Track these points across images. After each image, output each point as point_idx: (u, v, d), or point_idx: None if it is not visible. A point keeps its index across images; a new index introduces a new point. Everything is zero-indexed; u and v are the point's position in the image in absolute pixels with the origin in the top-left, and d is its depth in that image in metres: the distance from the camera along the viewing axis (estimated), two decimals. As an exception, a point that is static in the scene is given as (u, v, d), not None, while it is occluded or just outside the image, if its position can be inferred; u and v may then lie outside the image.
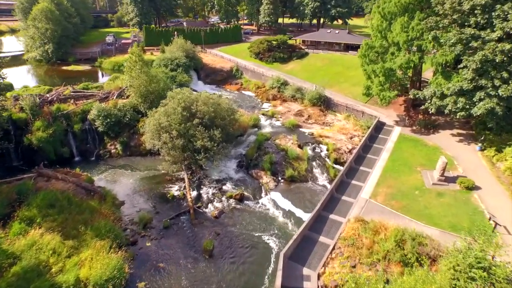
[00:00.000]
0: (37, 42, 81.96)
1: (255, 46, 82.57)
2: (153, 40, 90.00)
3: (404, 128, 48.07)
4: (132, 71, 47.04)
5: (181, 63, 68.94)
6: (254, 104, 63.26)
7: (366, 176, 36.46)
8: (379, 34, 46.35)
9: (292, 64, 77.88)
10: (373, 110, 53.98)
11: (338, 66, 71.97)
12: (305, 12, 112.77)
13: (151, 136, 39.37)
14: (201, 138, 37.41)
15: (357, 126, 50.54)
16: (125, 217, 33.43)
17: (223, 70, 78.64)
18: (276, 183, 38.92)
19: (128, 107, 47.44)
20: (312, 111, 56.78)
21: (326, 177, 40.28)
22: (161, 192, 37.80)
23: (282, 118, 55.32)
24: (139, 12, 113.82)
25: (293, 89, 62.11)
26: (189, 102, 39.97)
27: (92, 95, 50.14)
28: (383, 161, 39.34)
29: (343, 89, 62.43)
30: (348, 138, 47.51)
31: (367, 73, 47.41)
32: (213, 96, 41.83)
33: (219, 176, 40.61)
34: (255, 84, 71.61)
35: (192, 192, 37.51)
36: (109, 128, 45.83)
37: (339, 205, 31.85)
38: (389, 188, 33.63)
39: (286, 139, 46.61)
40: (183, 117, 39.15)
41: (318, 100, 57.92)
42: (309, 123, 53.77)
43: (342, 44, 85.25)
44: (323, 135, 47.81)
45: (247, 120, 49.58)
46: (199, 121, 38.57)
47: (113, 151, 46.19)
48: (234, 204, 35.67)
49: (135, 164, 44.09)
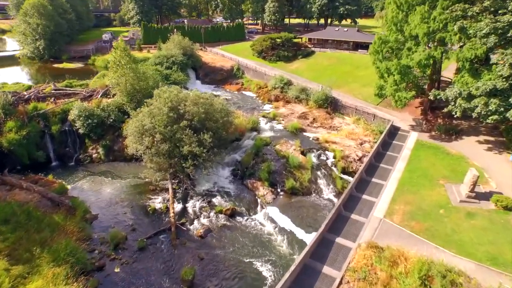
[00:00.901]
0: (28, 39, 78.24)
1: (257, 44, 77.70)
2: (152, 38, 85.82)
3: (421, 133, 42.57)
4: (117, 67, 42.47)
5: (177, 61, 64.43)
6: (254, 106, 58.25)
7: (380, 189, 31.10)
8: (394, 27, 40.99)
9: (297, 63, 72.77)
10: (385, 113, 48.55)
11: (346, 65, 66.67)
12: (312, 10, 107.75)
13: (134, 140, 34.67)
14: (189, 143, 32.54)
15: (368, 131, 45.12)
16: (96, 234, 28.53)
17: (223, 69, 73.87)
18: (274, 196, 33.74)
19: (112, 107, 42.85)
20: (318, 113, 51.54)
21: (333, 190, 34.97)
22: (141, 204, 32.91)
23: (284, 121, 50.19)
24: (140, 10, 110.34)
25: (297, 90, 56.97)
26: (176, 101, 35.21)
27: (75, 93, 45.72)
28: (398, 171, 33.95)
29: (352, 90, 57.09)
30: (357, 144, 42.15)
31: (380, 72, 42.04)
32: (204, 95, 36.95)
33: (209, 186, 35.61)
34: (256, 84, 66.67)
35: (177, 205, 32.57)
36: (91, 130, 41.27)
37: (348, 226, 26.53)
38: (407, 205, 28.23)
39: (288, 144, 41.45)
40: (170, 118, 34.38)
41: (325, 101, 52.69)
42: (314, 127, 48.54)
43: (351, 43, 79.97)
44: (330, 140, 42.51)
45: (244, 123, 44.55)
46: (187, 124, 33.75)
47: (95, 155, 41.56)
48: (223, 220, 30.58)
49: (118, 171, 39.36)
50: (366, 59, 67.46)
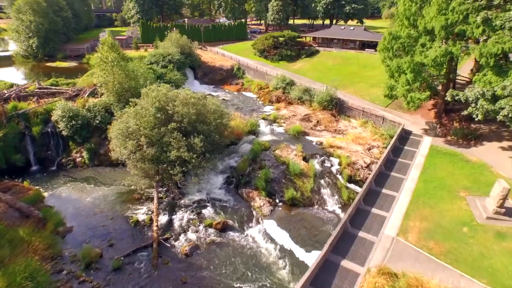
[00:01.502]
0: (21, 36, 75.71)
1: (259, 42, 74.29)
2: (150, 37, 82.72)
3: (435, 138, 38.68)
4: (105, 64, 39.26)
5: (174, 59, 61.20)
6: (254, 107, 54.73)
7: (391, 202, 27.33)
8: (406, 21, 37.26)
9: (301, 63, 69.18)
10: (395, 115, 44.72)
11: (352, 65, 62.93)
12: (317, 9, 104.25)
13: (118, 143, 31.33)
14: (177, 147, 29.12)
15: (376, 135, 41.30)
16: (68, 251, 25.13)
17: (222, 69, 70.50)
18: (272, 208, 30.07)
19: (99, 107, 39.58)
20: (322, 115, 47.86)
21: (337, 201, 31.22)
22: (123, 215, 29.46)
23: (286, 123, 46.57)
24: (140, 9, 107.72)
25: (300, 90, 53.34)
26: (165, 101, 31.84)
27: (61, 92, 42.55)
28: (412, 181, 30.15)
29: (359, 91, 53.33)
30: (365, 150, 38.37)
31: (390, 70, 38.28)
32: (196, 94, 33.50)
33: (200, 195, 32.06)
34: (257, 85, 63.17)
35: (162, 217, 29.07)
36: (75, 132, 37.99)
37: (355, 246, 22.79)
38: (424, 221, 24.44)
39: (289, 149, 37.81)
40: (157, 120, 31.06)
41: (329, 103, 49.00)
42: (318, 130, 44.85)
43: (358, 42, 76.20)
44: (335, 145, 38.79)
45: (241, 126, 41.02)
46: (176, 126, 30.34)
47: (79, 159, 38.28)
48: (213, 236, 26.97)
49: (102, 177, 36.00)
50: (373, 58, 63.83)
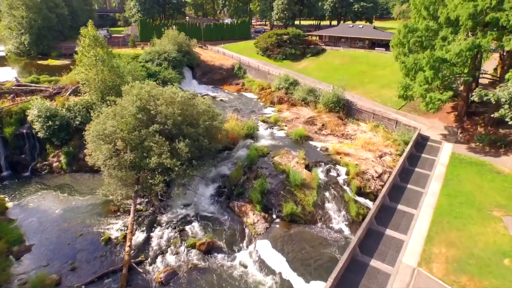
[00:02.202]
0: (13, 33, 72.88)
1: (262, 41, 70.24)
2: (149, 35, 78.92)
3: (456, 145, 34.04)
4: (87, 59, 35.53)
5: (170, 57, 57.49)
6: (254, 108, 50.55)
7: (409, 222, 22.83)
8: (425, 11, 32.86)
9: (306, 62, 64.89)
10: (410, 119, 40.13)
11: (361, 65, 58.44)
12: (324, 8, 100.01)
13: (94, 147, 27.39)
14: (158, 153, 25.07)
15: (388, 141, 36.73)
16: (21, 275, 21.13)
17: (222, 68, 66.51)
18: (268, 225, 25.75)
19: (80, 106, 35.84)
20: (328, 118, 43.43)
21: (344, 217, 26.75)
22: (95, 231, 25.42)
23: (288, 126, 42.25)
24: (141, 7, 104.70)
25: (304, 91, 49.02)
26: (146, 100, 27.85)
27: (40, 90, 38.91)
28: (433, 196, 25.63)
29: (369, 92, 48.82)
30: (376, 157, 33.85)
31: (405, 68, 33.76)
32: (183, 93, 29.41)
33: (185, 209, 27.88)
34: (259, 85, 59.02)
35: (138, 234, 24.95)
36: (53, 134, 34.30)
37: (366, 279, 18.33)
38: (451, 247, 19.91)
39: (290, 156, 33.50)
40: (138, 121, 27.12)
41: (336, 104, 44.56)
42: (323, 135, 40.42)
43: (367, 41, 71.72)
44: (342, 151, 34.35)
45: (237, 129, 36.82)
46: (159, 128, 26.33)
47: (55, 164, 34.47)
48: (196, 259, 22.72)
49: (79, 184, 32.11)
50: (384, 57, 59.45)
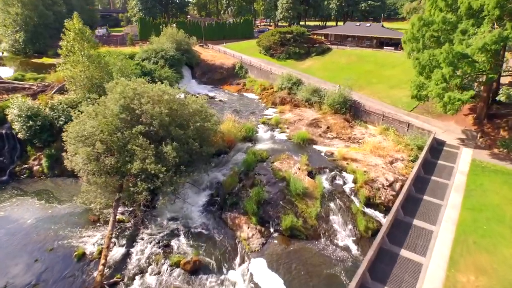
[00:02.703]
0: (8, 30, 70.89)
1: (264, 39, 67.30)
2: (149, 33, 76.39)
3: (477, 150, 30.68)
4: (71, 54, 32.91)
5: (167, 56, 54.81)
6: (255, 109, 47.57)
7: (428, 240, 19.63)
8: (443, 2, 29.64)
9: (310, 61, 61.79)
10: (422, 121, 36.82)
11: (369, 64, 55.23)
12: (330, 7, 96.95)
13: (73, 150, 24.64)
14: (142, 157, 22.21)
15: (400, 145, 33.47)
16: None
17: (223, 67, 63.68)
18: (264, 240, 22.67)
19: (64, 105, 33.19)
20: (333, 120, 40.28)
21: (352, 232, 23.56)
22: (68, 244, 22.55)
23: (290, 129, 39.18)
24: (143, 6, 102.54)
25: (308, 91, 45.93)
26: (131, 98, 25.03)
27: (24, 87, 36.37)
28: (453, 209, 22.38)
29: (377, 92, 45.57)
30: (387, 163, 30.61)
31: (420, 65, 30.50)
32: (173, 91, 26.49)
33: (173, 220, 24.90)
34: (260, 85, 56.08)
35: (117, 249, 22.01)
36: (34, 135, 31.71)
37: (380, 314, 15.18)
38: (481, 274, 16.68)
39: (291, 161, 30.44)
40: (121, 122, 24.33)
41: (343, 105, 41.42)
42: (328, 138, 37.27)
43: (375, 40, 68.46)
44: (349, 157, 31.18)
45: (234, 131, 33.83)
46: (144, 130, 23.48)
47: (36, 168, 31.79)
48: (179, 280, 19.69)
49: (59, 190, 29.34)
50: (393, 57, 56.33)
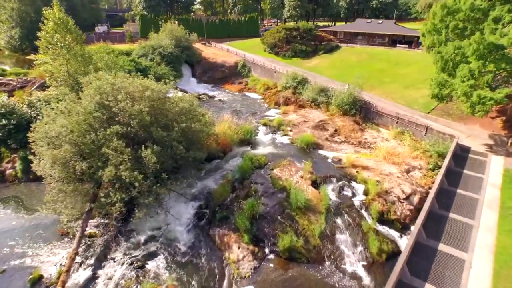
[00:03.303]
0: (5, 26, 68.81)
1: (269, 36, 63.67)
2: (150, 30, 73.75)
3: (509, 158, 26.48)
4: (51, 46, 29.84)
5: (165, 52, 51.65)
6: (256, 110, 43.95)
7: (459, 271, 15.73)
8: (470, -14, 25.70)
9: (317, 60, 57.95)
10: (443, 125, 32.65)
11: (381, 62, 51.17)
12: (340, 4, 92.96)
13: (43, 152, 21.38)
14: (116, 162, 18.81)
15: (417, 151, 29.37)
16: None
17: (224, 66, 60.24)
18: (257, 263, 18.95)
19: (44, 102, 30.10)
20: (342, 122, 36.42)
21: (362, 255, 19.66)
22: (25, 265, 19.18)
23: (293, 131, 35.47)
24: (146, 4, 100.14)
25: (315, 90, 42.14)
26: (108, 93, 21.66)
27: (1, 83, 33.42)
28: (488, 232, 18.39)
29: (391, 92, 41.51)
30: (402, 172, 26.64)
31: (442, 59, 26.52)
32: (156, 86, 23.00)
33: (153, 236, 21.34)
34: (264, 84, 52.48)
35: (81, 271, 18.54)
36: (9, 135, 28.66)
37: None
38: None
39: (293, 168, 26.71)
40: (97, 121, 21.00)
41: (352, 106, 37.54)
42: (336, 142, 33.43)
43: (387, 38, 64.29)
44: (359, 164, 27.31)
45: (230, 133, 30.22)
46: (121, 130, 20.07)
47: (9, 171, 28.68)
48: (150, 316, 16.15)
49: (30, 198, 26.09)
50: (407, 55, 52.34)
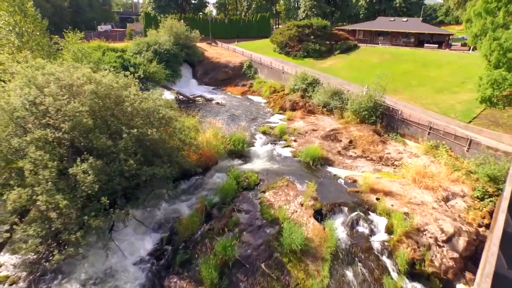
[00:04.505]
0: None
1: (279, 34, 57.71)
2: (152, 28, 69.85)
3: None
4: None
5: (161, 50, 46.55)
6: (258, 115, 37.91)
7: None
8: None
9: (332, 60, 51.42)
10: (489, 137, 25.31)
11: (407, 63, 44.11)
12: (359, 4, 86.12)
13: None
14: (34, 181, 13.17)
15: (458, 172, 22.29)
16: None
17: (228, 66, 54.61)
18: None
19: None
20: (359, 132, 29.64)
21: None
22: None
23: (298, 142, 29.09)
24: (156, 5, 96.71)
25: (327, 93, 35.70)
26: (40, 86, 16.12)
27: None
28: None
29: (419, 97, 34.47)
30: (439, 201, 19.73)
31: (500, 48, 19.62)
32: (104, 78, 17.20)
33: (87, 284, 15.38)
34: (270, 87, 46.43)
35: None
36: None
37: None
38: None
39: (291, 191, 20.33)
40: (20, 123, 15.56)
41: (372, 112, 30.74)
42: (350, 157, 26.78)
43: (413, 38, 57.08)
44: (380, 188, 20.56)
45: (216, 142, 24.11)
46: (51, 137, 14.50)
47: None
48: None
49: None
50: (437, 54, 45.38)
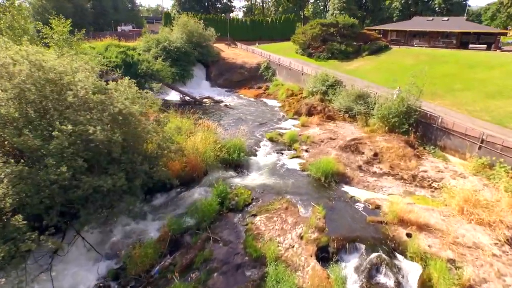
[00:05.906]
0: (22, 23, 66.98)
1: (301, 34, 53.01)
2: (170, 28, 68.01)
3: None
4: None
5: (170, 47, 43.47)
6: (269, 119, 33.31)
7: None
8: None
9: (359, 62, 45.86)
10: None
11: (448, 65, 37.77)
12: (393, 6, 79.70)
13: None
14: None
15: (523, 201, 16.39)
16: None
17: (244, 67, 50.60)
18: None
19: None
20: (387, 143, 24.11)
21: None
22: None
23: (310, 152, 24.10)
24: (180, 7, 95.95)
25: (350, 96, 30.47)
26: None
27: None
28: None
29: (465, 103, 28.24)
30: (501, 244, 13.98)
31: None
32: (50, 61, 13.40)
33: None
34: (287, 89, 41.78)
35: None
36: None
37: None
38: None
39: (289, 217, 15.44)
40: None
41: (404, 119, 25.10)
42: (375, 174, 21.37)
43: (454, 40, 50.30)
44: (413, 218, 15.08)
45: (206, 148, 19.75)
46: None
47: None
48: None
49: None
50: (486, 55, 39.10)
